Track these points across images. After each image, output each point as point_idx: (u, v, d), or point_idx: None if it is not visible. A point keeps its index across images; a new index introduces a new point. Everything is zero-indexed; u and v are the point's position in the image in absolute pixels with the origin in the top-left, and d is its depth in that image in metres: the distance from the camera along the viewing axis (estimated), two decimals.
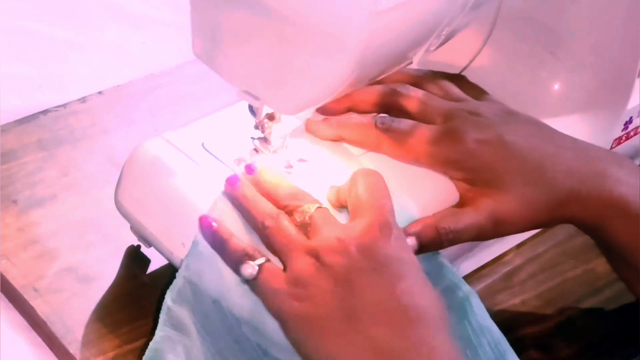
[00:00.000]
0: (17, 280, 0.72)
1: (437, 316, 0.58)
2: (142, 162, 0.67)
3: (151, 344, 0.62)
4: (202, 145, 0.67)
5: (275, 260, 0.61)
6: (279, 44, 0.56)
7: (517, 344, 0.71)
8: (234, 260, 0.61)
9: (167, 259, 0.66)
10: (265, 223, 0.61)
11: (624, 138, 0.81)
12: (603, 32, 0.76)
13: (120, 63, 0.96)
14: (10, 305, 0.72)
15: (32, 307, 0.70)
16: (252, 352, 0.61)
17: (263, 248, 0.62)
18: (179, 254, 0.64)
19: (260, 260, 0.60)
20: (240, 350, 0.61)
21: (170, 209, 0.65)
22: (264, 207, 0.62)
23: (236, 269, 0.60)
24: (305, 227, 0.61)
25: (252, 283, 0.60)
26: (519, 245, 0.81)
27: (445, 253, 0.68)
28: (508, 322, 0.74)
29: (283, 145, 0.66)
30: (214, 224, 0.62)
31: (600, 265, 0.81)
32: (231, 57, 0.60)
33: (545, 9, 0.77)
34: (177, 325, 0.62)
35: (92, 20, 1.01)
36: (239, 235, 0.62)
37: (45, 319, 0.69)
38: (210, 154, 0.66)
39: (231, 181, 0.63)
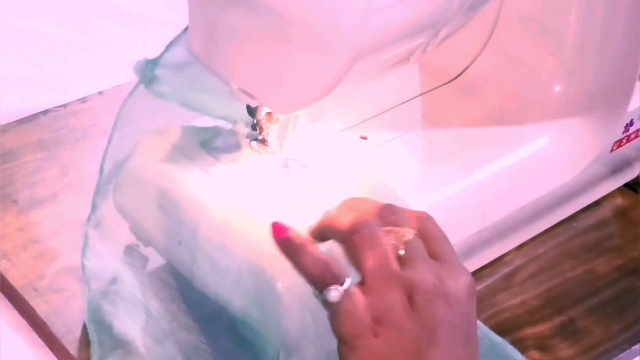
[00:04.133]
0: (17, 280, 0.72)
1: None
2: (141, 162, 0.67)
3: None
4: (201, 144, 0.67)
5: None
6: (275, 43, 0.56)
7: (517, 344, 0.71)
8: (315, 277, 0.55)
9: (165, 258, 0.66)
10: (355, 225, 0.56)
11: (624, 140, 0.82)
12: (604, 34, 0.76)
13: (120, 63, 0.96)
14: (10, 305, 0.72)
15: (32, 307, 0.70)
16: None
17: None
18: (176, 253, 0.64)
19: (347, 284, 0.55)
20: None
21: (168, 208, 0.65)
22: (350, 215, 0.57)
23: (316, 287, 0.55)
24: (395, 250, 0.56)
25: (331, 305, 0.55)
26: (520, 246, 0.81)
27: None
28: (508, 322, 0.74)
29: (281, 145, 0.66)
30: (288, 228, 0.57)
31: (600, 265, 0.81)
32: (227, 56, 0.60)
33: (546, 11, 0.77)
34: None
35: (92, 20, 1.01)
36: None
37: (45, 319, 0.69)
38: (210, 154, 0.66)
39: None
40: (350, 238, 0.56)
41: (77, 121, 0.87)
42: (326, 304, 0.55)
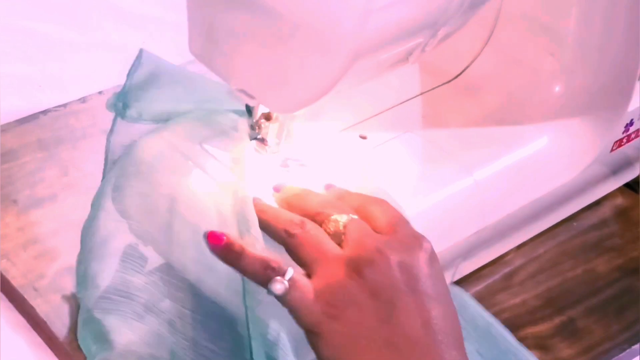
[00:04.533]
0: (17, 280, 0.72)
1: (461, 338, 0.56)
2: (140, 161, 0.67)
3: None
4: (200, 144, 0.67)
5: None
6: (274, 43, 0.56)
7: None
8: (259, 276, 0.57)
9: (164, 257, 0.66)
10: (290, 231, 0.58)
11: (624, 140, 0.81)
12: (604, 34, 0.76)
13: (120, 63, 0.96)
14: (10, 305, 0.72)
15: (32, 307, 0.70)
16: None
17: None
18: (175, 253, 0.64)
19: (290, 274, 0.56)
20: None
21: (167, 208, 0.65)
22: (286, 216, 0.59)
23: (263, 285, 0.57)
24: (338, 237, 0.58)
25: (281, 298, 0.56)
26: (520, 246, 0.81)
27: (444, 253, 0.68)
28: (508, 322, 0.74)
29: (280, 145, 0.66)
30: (223, 237, 0.58)
31: (600, 265, 0.81)
32: (227, 56, 0.60)
33: (546, 10, 0.77)
34: None
35: (92, 20, 1.01)
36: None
37: (45, 319, 0.69)
38: (208, 153, 0.66)
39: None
40: (287, 242, 0.58)
41: (77, 121, 0.87)
42: (278, 299, 0.56)
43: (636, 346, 0.75)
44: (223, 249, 0.58)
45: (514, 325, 0.75)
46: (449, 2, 0.56)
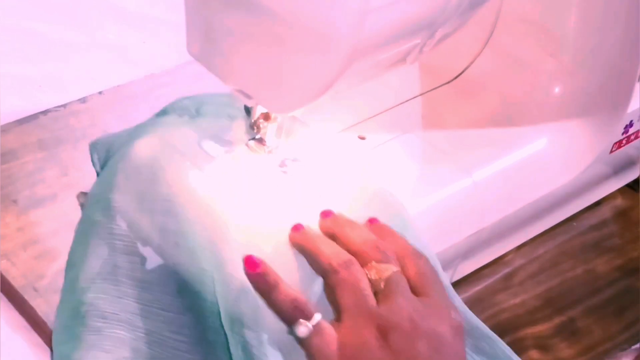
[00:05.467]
0: (17, 280, 0.72)
1: None
2: (138, 161, 0.67)
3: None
4: (198, 144, 0.67)
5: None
6: (271, 43, 0.56)
7: (517, 344, 0.71)
8: (286, 315, 0.56)
9: (162, 258, 0.66)
10: (335, 266, 0.57)
11: (624, 142, 0.82)
12: (603, 35, 0.76)
13: (120, 63, 0.96)
14: (10, 305, 0.72)
15: (32, 307, 0.70)
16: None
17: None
18: (173, 254, 0.63)
19: (316, 319, 0.55)
20: None
21: (165, 208, 0.64)
22: (334, 250, 0.58)
23: (287, 324, 0.56)
24: (376, 285, 0.57)
25: (302, 341, 0.56)
26: (519, 246, 0.81)
27: (443, 254, 0.68)
28: (508, 322, 0.74)
29: (279, 145, 0.66)
30: (260, 265, 0.57)
31: (600, 265, 0.81)
32: (225, 56, 0.60)
33: (546, 12, 0.77)
34: None
35: (92, 20, 1.01)
36: None
37: (45, 319, 0.69)
38: (207, 153, 0.66)
39: (297, 227, 0.60)
40: (329, 277, 0.57)
41: (77, 121, 0.87)
42: (298, 340, 0.56)
43: (636, 346, 0.75)
44: (256, 276, 0.57)
45: (513, 325, 0.75)
46: (447, 3, 0.56)
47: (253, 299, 0.58)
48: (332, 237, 0.60)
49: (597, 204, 0.86)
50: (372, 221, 0.63)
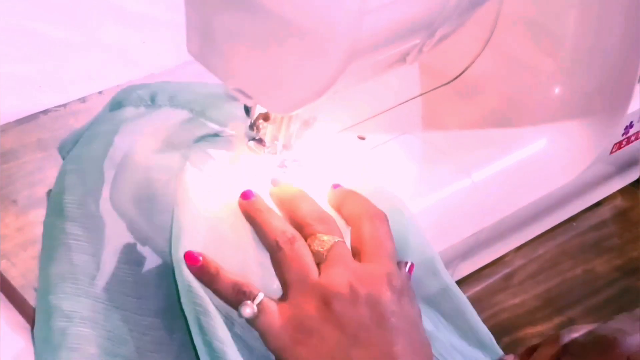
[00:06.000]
0: (17, 280, 0.72)
1: None
2: (138, 161, 0.67)
3: None
4: (198, 144, 0.67)
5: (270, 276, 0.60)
6: (270, 43, 0.57)
7: (517, 344, 0.71)
8: (230, 300, 0.59)
9: (161, 258, 0.66)
10: (280, 243, 0.60)
11: (624, 143, 0.81)
12: (603, 36, 0.76)
13: (120, 63, 0.96)
14: (10, 305, 0.72)
15: (32, 307, 0.70)
16: None
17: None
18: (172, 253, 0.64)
19: (259, 298, 0.59)
20: None
21: (165, 208, 0.64)
22: (279, 225, 0.61)
23: (234, 307, 0.59)
24: (319, 257, 0.60)
25: (251, 322, 0.59)
26: (519, 246, 0.81)
27: (443, 254, 0.68)
28: (507, 322, 0.74)
29: (279, 145, 0.66)
30: (199, 258, 0.60)
31: (600, 265, 0.81)
32: (224, 56, 0.60)
33: (546, 12, 0.77)
34: None
35: (92, 20, 1.01)
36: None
37: None
38: (206, 154, 0.66)
39: (246, 195, 0.63)
40: (274, 255, 0.60)
41: (77, 121, 0.86)
42: (248, 322, 0.58)
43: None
44: (198, 269, 0.60)
45: (513, 325, 0.75)
46: (446, 3, 0.56)
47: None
48: (281, 207, 0.63)
49: (597, 204, 0.86)
50: (335, 186, 0.65)
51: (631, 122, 0.80)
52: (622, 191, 0.87)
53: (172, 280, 0.62)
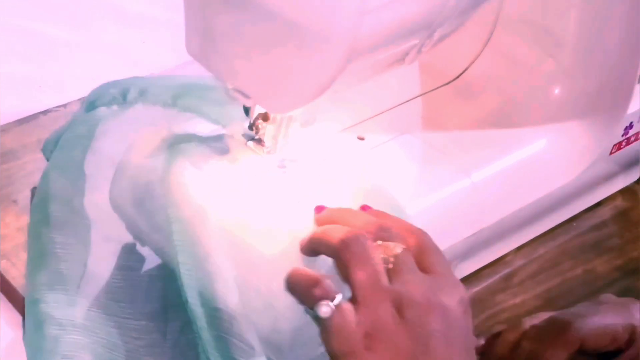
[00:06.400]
0: (17, 280, 0.72)
1: None
2: (137, 161, 0.67)
3: None
4: (197, 144, 0.67)
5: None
6: (269, 43, 0.57)
7: None
8: (307, 295, 0.56)
9: (161, 258, 0.66)
10: (348, 241, 0.57)
11: (624, 143, 0.81)
12: (603, 36, 0.76)
13: (120, 63, 0.96)
14: (10, 305, 0.72)
15: None
16: None
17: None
18: (171, 253, 0.63)
19: (338, 299, 0.55)
20: None
21: (163, 207, 0.64)
22: (343, 229, 0.58)
23: (308, 305, 0.56)
24: (385, 264, 0.57)
25: (322, 321, 0.56)
26: (519, 246, 0.81)
27: (444, 253, 0.68)
28: (508, 322, 0.74)
29: (277, 145, 0.66)
30: None
31: (600, 265, 0.81)
32: (223, 56, 0.60)
33: (546, 12, 0.77)
34: None
35: (92, 20, 1.01)
36: None
37: None
38: (205, 153, 0.66)
39: (319, 208, 0.61)
40: (341, 254, 0.57)
41: None
42: (317, 320, 0.56)
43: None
44: None
45: None
46: (445, 4, 0.56)
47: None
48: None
49: (598, 204, 0.86)
50: (364, 208, 0.63)
51: (631, 122, 0.80)
52: (623, 191, 0.87)
53: (167, 282, 0.61)
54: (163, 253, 0.65)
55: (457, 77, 0.81)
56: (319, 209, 0.62)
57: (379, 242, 0.58)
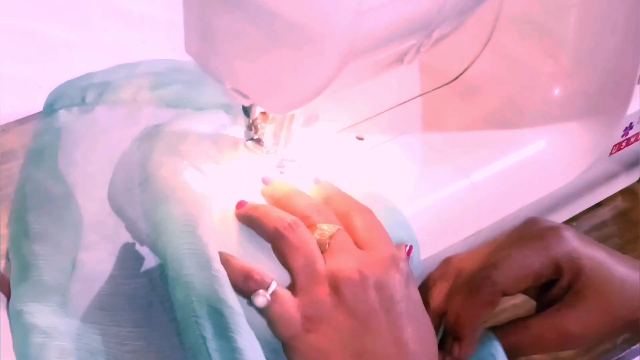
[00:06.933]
0: None
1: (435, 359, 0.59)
2: (136, 161, 0.67)
3: None
4: (196, 144, 0.67)
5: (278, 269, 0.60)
6: (267, 43, 0.57)
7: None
8: (240, 287, 0.58)
9: (160, 257, 0.66)
10: (280, 229, 0.59)
11: (624, 144, 0.81)
12: (603, 37, 0.76)
13: (120, 63, 0.96)
14: None
15: None
16: None
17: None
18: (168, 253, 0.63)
19: (272, 288, 0.58)
20: None
21: (162, 207, 0.64)
22: (278, 214, 0.60)
23: (244, 296, 0.58)
24: (322, 246, 0.60)
25: (261, 310, 0.58)
26: None
27: (441, 255, 0.68)
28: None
29: (277, 144, 0.66)
30: None
31: None
32: (222, 56, 0.60)
33: (546, 13, 0.77)
34: None
35: (92, 20, 1.02)
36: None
37: None
38: (204, 153, 0.66)
39: (240, 204, 0.62)
40: (276, 242, 0.59)
41: None
42: (259, 311, 0.58)
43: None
44: None
45: None
46: (443, 4, 0.56)
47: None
48: (276, 204, 0.62)
49: (598, 204, 0.86)
50: (316, 181, 0.65)
51: (631, 123, 0.80)
52: (623, 192, 0.87)
53: (152, 289, 0.61)
54: (156, 250, 0.65)
55: (457, 77, 0.81)
56: (265, 181, 0.64)
57: (317, 225, 0.60)
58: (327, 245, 0.59)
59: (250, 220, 0.62)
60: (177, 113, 0.68)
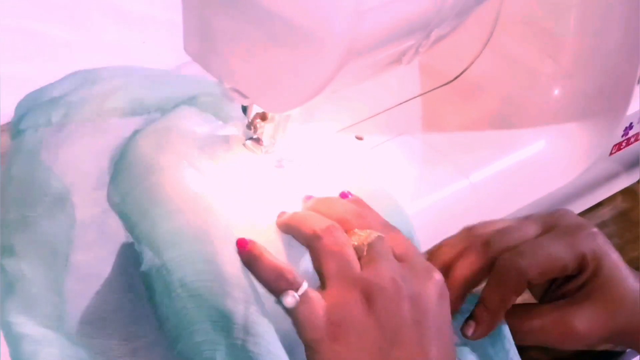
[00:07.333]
0: None
1: None
2: (135, 160, 0.67)
3: None
4: (195, 144, 0.67)
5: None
6: (266, 42, 0.57)
7: (516, 344, 0.70)
8: (270, 285, 0.57)
9: (158, 257, 0.66)
10: (319, 233, 0.57)
11: (623, 144, 0.81)
12: (603, 37, 0.76)
13: (120, 63, 0.96)
14: None
15: None
16: None
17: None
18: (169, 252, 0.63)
19: (303, 289, 0.56)
20: None
21: (159, 207, 0.64)
22: (317, 218, 0.59)
23: (274, 295, 0.57)
24: (359, 251, 0.58)
25: (289, 310, 0.57)
26: None
27: None
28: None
29: (275, 144, 0.66)
30: (248, 243, 0.58)
31: None
32: (221, 56, 0.60)
33: (546, 13, 0.77)
34: None
35: (92, 20, 1.01)
36: None
37: None
38: (203, 153, 0.66)
39: (281, 214, 0.61)
40: (313, 244, 0.58)
41: None
42: (286, 310, 0.56)
43: None
44: (244, 253, 0.58)
45: None
46: (442, 4, 0.56)
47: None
48: (314, 212, 0.61)
49: (598, 204, 0.86)
50: (343, 195, 0.64)
51: (631, 123, 0.80)
52: (623, 192, 0.87)
53: (137, 300, 0.61)
54: (161, 253, 0.65)
55: (457, 77, 0.81)
56: (306, 198, 0.63)
57: (355, 229, 0.59)
58: (365, 252, 0.58)
59: (288, 228, 0.60)
60: (145, 119, 0.68)
